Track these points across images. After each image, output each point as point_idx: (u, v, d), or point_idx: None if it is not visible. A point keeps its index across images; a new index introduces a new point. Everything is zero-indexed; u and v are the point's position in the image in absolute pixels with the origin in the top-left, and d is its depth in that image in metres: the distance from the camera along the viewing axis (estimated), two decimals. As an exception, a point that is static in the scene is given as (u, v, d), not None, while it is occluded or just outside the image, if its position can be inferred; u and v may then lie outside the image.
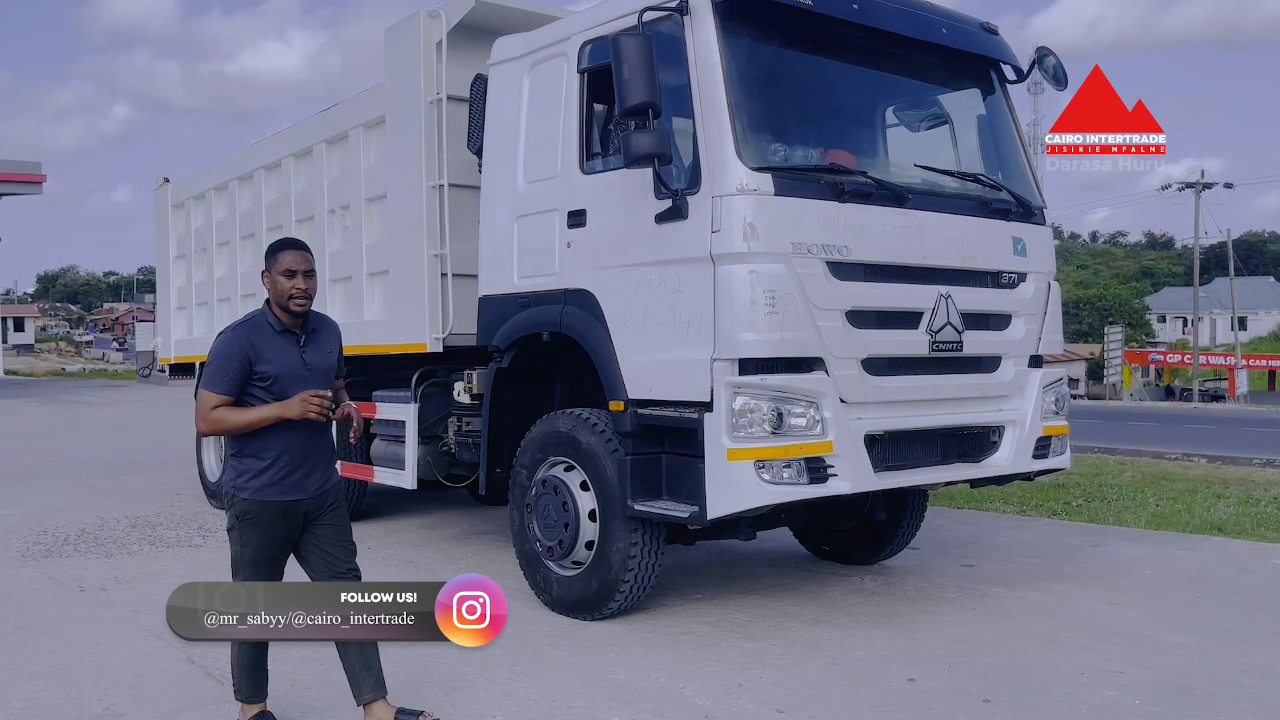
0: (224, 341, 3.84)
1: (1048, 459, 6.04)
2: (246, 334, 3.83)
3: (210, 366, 3.83)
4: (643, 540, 5.45)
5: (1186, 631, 5.47)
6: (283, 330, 3.87)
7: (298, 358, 3.86)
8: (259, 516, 3.84)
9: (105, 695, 4.63)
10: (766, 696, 4.53)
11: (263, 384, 3.79)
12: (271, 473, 3.82)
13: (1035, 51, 6.13)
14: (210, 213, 10.01)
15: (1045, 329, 6.07)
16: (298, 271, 3.83)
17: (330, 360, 4.01)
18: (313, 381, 3.85)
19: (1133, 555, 7.45)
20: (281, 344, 3.85)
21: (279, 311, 3.88)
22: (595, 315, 5.54)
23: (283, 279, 3.82)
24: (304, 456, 3.87)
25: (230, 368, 3.77)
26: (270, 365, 3.79)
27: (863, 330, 5.19)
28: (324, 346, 3.99)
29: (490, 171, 6.32)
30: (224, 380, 3.77)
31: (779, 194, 4.94)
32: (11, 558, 7.60)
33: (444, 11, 6.70)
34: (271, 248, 3.98)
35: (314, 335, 3.96)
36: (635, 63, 4.86)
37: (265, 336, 3.84)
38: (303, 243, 4.03)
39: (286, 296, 3.82)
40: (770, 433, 4.88)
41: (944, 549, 7.63)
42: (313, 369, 3.89)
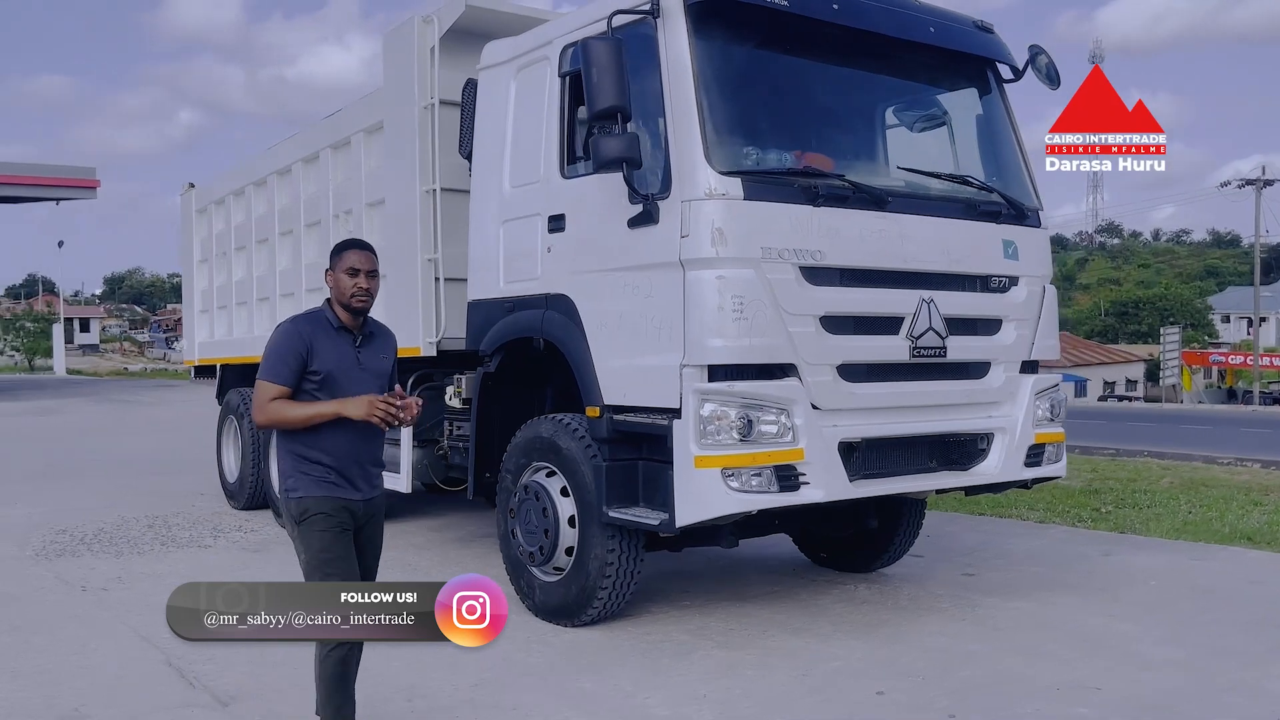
0: (283, 332, 3.79)
1: (1041, 467, 5.90)
2: (306, 326, 3.80)
3: (268, 357, 3.76)
4: (620, 547, 5.41)
5: (1179, 646, 5.31)
6: (340, 328, 3.82)
7: (352, 357, 3.81)
8: (320, 512, 3.73)
9: (79, 695, 4.70)
10: (728, 709, 4.48)
11: (314, 379, 3.74)
12: (326, 471, 3.74)
13: (1028, 50, 5.98)
14: (230, 217, 10.16)
15: (1039, 334, 5.93)
16: (360, 271, 3.78)
17: (385, 365, 3.95)
18: (365, 382, 3.79)
19: (1143, 565, 7.25)
20: (337, 341, 3.80)
21: (339, 310, 3.82)
22: (574, 320, 5.52)
23: (345, 277, 3.77)
24: (356, 460, 3.79)
25: (289, 358, 3.71)
26: (323, 361, 3.74)
27: (838, 336, 5.10)
28: (379, 351, 3.95)
29: (479, 176, 6.33)
30: (282, 370, 3.71)
31: (749, 198, 4.87)
32: (26, 556, 7.77)
33: (437, 17, 6.72)
34: (337, 247, 3.94)
35: (370, 339, 3.91)
36: (604, 66, 4.83)
37: (323, 332, 3.80)
38: (367, 243, 3.98)
39: (349, 295, 3.76)
40: (739, 440, 4.82)
41: (948, 557, 7.49)
42: (367, 370, 3.84)
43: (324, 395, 3.73)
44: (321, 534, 3.72)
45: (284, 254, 8.92)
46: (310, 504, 3.72)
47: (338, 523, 3.74)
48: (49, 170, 28.71)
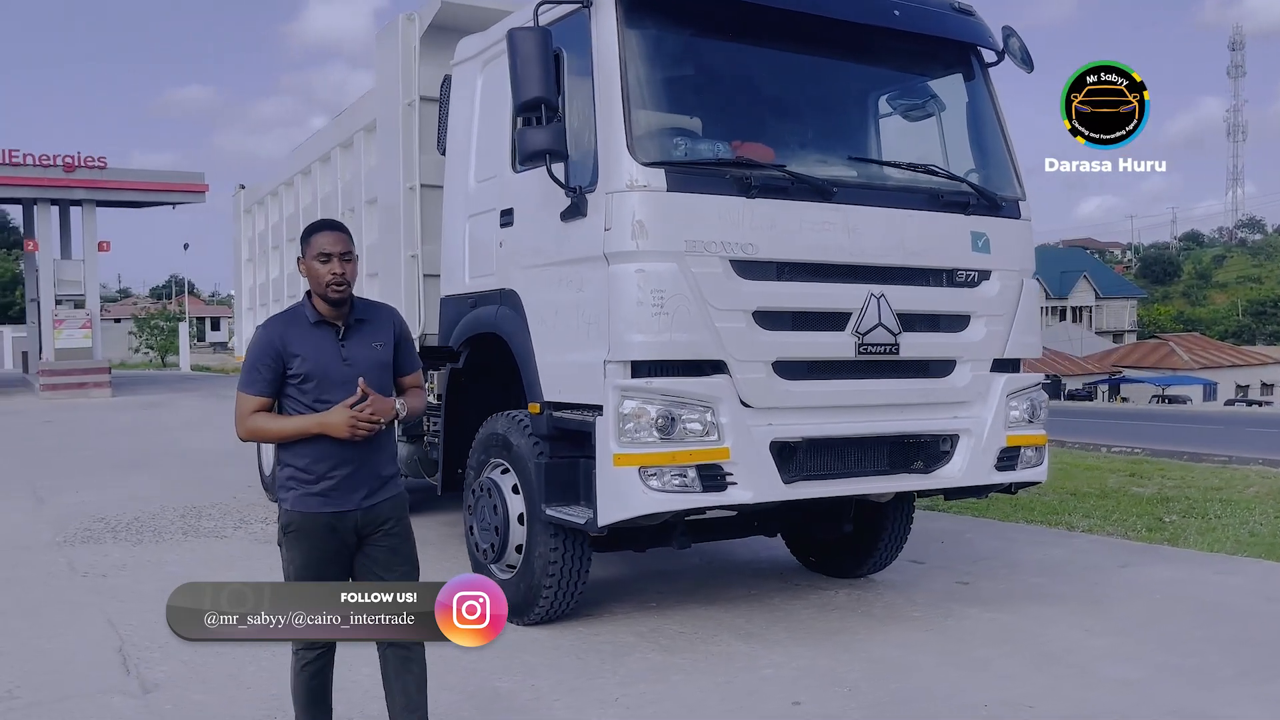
0: (255, 338, 3.48)
1: (1015, 471, 5.58)
2: (279, 328, 3.47)
3: (244, 366, 3.49)
4: (564, 546, 5.33)
5: (1143, 665, 4.96)
6: (318, 322, 3.46)
7: (334, 352, 3.44)
8: (301, 529, 3.49)
9: (22, 677, 4.86)
10: (631, 714, 4.37)
11: (296, 383, 3.41)
12: (314, 481, 3.44)
13: (1001, 32, 5.67)
14: (268, 217, 10.46)
15: (1015, 330, 5.61)
16: (332, 255, 3.39)
17: (379, 354, 3.51)
18: (353, 379, 3.40)
19: (1158, 579, 6.81)
20: (316, 337, 3.44)
21: (317, 301, 3.47)
22: (520, 315, 5.47)
23: (317, 264, 3.40)
24: (352, 463, 3.45)
25: (262, 366, 3.40)
26: (302, 361, 3.40)
27: (773, 332, 4.92)
28: (372, 338, 3.51)
29: (449, 171, 6.34)
30: (257, 380, 3.40)
31: (672, 190, 4.73)
32: (54, 542, 8.11)
33: (419, 14, 6.76)
34: (305, 231, 3.55)
35: (359, 326, 3.50)
36: (528, 57, 4.76)
37: (299, 329, 3.45)
38: (338, 223, 3.62)
39: (325, 285, 3.40)
40: (660, 438, 4.69)
41: (951, 564, 7.17)
42: (354, 364, 3.44)
43: (306, 399, 3.44)
44: (302, 552, 3.51)
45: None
46: (294, 519, 3.49)
47: (320, 541, 3.49)
48: (163, 176, 30.09)
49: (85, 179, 27.96)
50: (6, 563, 7.40)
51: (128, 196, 29.70)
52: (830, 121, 5.70)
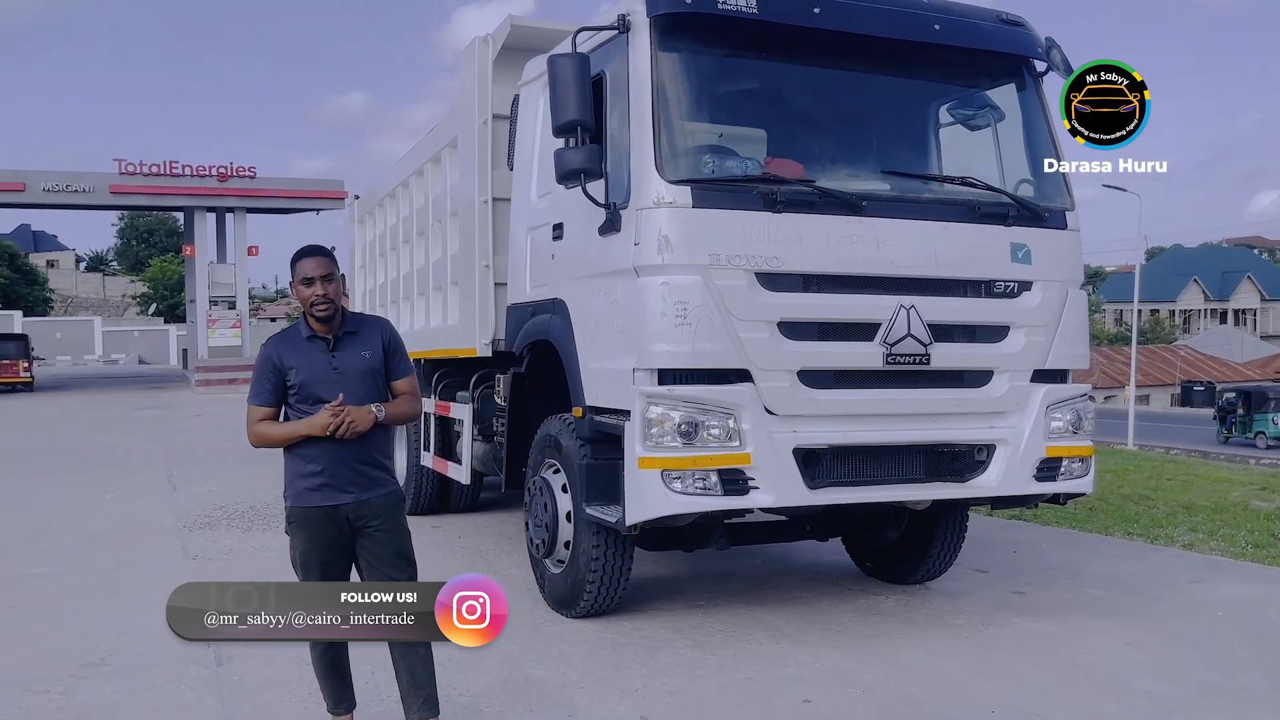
0: (259, 355, 3.93)
1: (1056, 482, 5.57)
2: (276, 345, 3.90)
3: (252, 380, 3.93)
4: (605, 544, 5.60)
5: (1174, 681, 4.91)
6: (311, 337, 3.88)
7: (324, 363, 3.84)
8: (301, 520, 3.88)
9: (116, 647, 5.43)
10: (648, 705, 4.60)
11: (294, 393, 3.83)
12: (311, 478, 3.84)
13: (1044, 43, 5.66)
14: (376, 227, 11.07)
15: (1058, 341, 5.59)
16: (314, 279, 3.79)
17: (368, 362, 3.90)
18: (345, 385, 3.80)
19: (1227, 595, 6.64)
20: (308, 350, 3.86)
21: (309, 319, 3.89)
22: (568, 323, 5.76)
23: (302, 287, 3.81)
24: (343, 462, 3.83)
25: (264, 379, 3.85)
26: (297, 373, 3.82)
27: (798, 342, 5.07)
28: (361, 348, 3.91)
29: (516, 187, 6.69)
30: (261, 392, 3.86)
31: (698, 206, 4.94)
32: (173, 527, 8.86)
33: (492, 37, 7.14)
34: (292, 258, 3.94)
35: (349, 339, 3.91)
36: (566, 81, 5.04)
37: (293, 345, 3.88)
38: (320, 248, 3.97)
39: (309, 304, 3.82)
40: (682, 443, 4.90)
41: (1014, 574, 7.14)
42: (344, 372, 3.84)
43: (305, 405, 3.83)
44: (303, 540, 3.89)
45: (405, 261, 9.67)
46: (295, 513, 3.90)
47: (319, 530, 3.85)
48: (306, 184, 31.86)
49: (237, 188, 29.82)
50: (129, 545, 8.14)
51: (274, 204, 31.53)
52: (868, 136, 5.77)
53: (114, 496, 10.70)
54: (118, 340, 61.99)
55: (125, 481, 11.78)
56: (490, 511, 9.42)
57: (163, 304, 70.45)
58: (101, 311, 74.26)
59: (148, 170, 29.40)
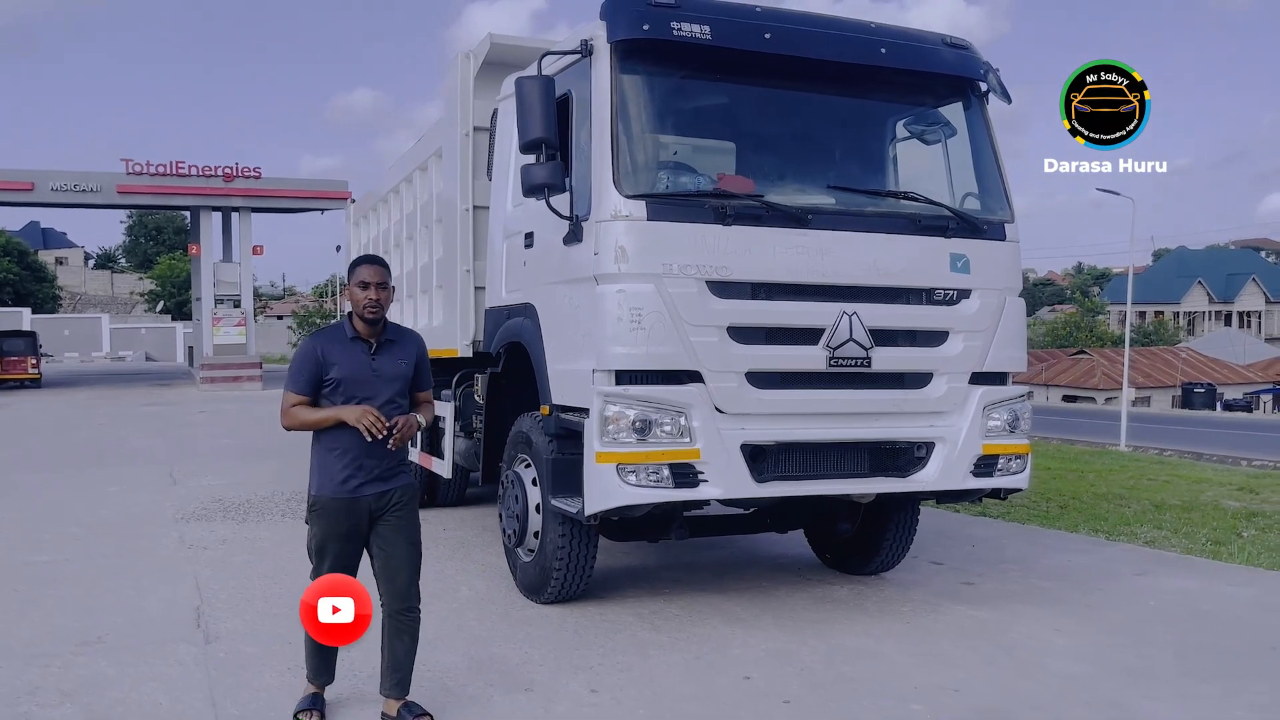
0: (301, 347, 4.29)
1: (993, 478, 5.93)
2: (321, 340, 4.27)
3: (290, 368, 4.27)
4: (570, 533, 5.97)
5: (1093, 663, 5.27)
6: (354, 338, 4.22)
7: (365, 363, 4.19)
8: (323, 510, 4.23)
9: (112, 627, 5.81)
10: (599, 680, 4.97)
11: (330, 388, 4.17)
12: (337, 470, 4.18)
13: (980, 69, 6.03)
14: (370, 230, 11.47)
15: (996, 345, 5.96)
16: (370, 284, 4.17)
17: (402, 369, 4.28)
18: (379, 386, 4.18)
19: (1165, 587, 7.00)
20: (351, 350, 4.20)
21: (356, 321, 4.23)
22: (538, 327, 6.14)
23: (358, 290, 4.19)
24: (368, 459, 4.19)
25: (304, 370, 4.18)
26: (337, 369, 4.16)
27: (746, 345, 5.43)
28: (398, 356, 4.28)
29: (494, 196, 7.08)
30: (299, 380, 4.19)
31: (652, 219, 5.31)
32: (171, 519, 9.25)
33: (473, 53, 7.52)
34: (352, 263, 4.36)
35: (389, 345, 4.27)
36: (532, 101, 5.42)
37: (337, 343, 4.22)
38: (379, 258, 4.39)
39: (361, 307, 4.18)
40: (637, 439, 5.28)
41: (968, 566, 7.51)
42: (380, 375, 4.20)
43: (340, 399, 4.18)
44: (324, 524, 4.26)
45: (395, 265, 10.04)
46: (319, 500, 4.25)
47: (340, 519, 4.23)
48: (310, 184, 32.31)
49: (242, 188, 30.25)
50: (129, 535, 8.53)
51: (279, 204, 31.95)
52: (817, 152, 6.12)
53: (117, 489, 11.10)
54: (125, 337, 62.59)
55: (128, 475, 12.18)
56: (475, 506, 9.80)
57: (170, 301, 71.01)
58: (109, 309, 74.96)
59: (154, 170, 29.85)
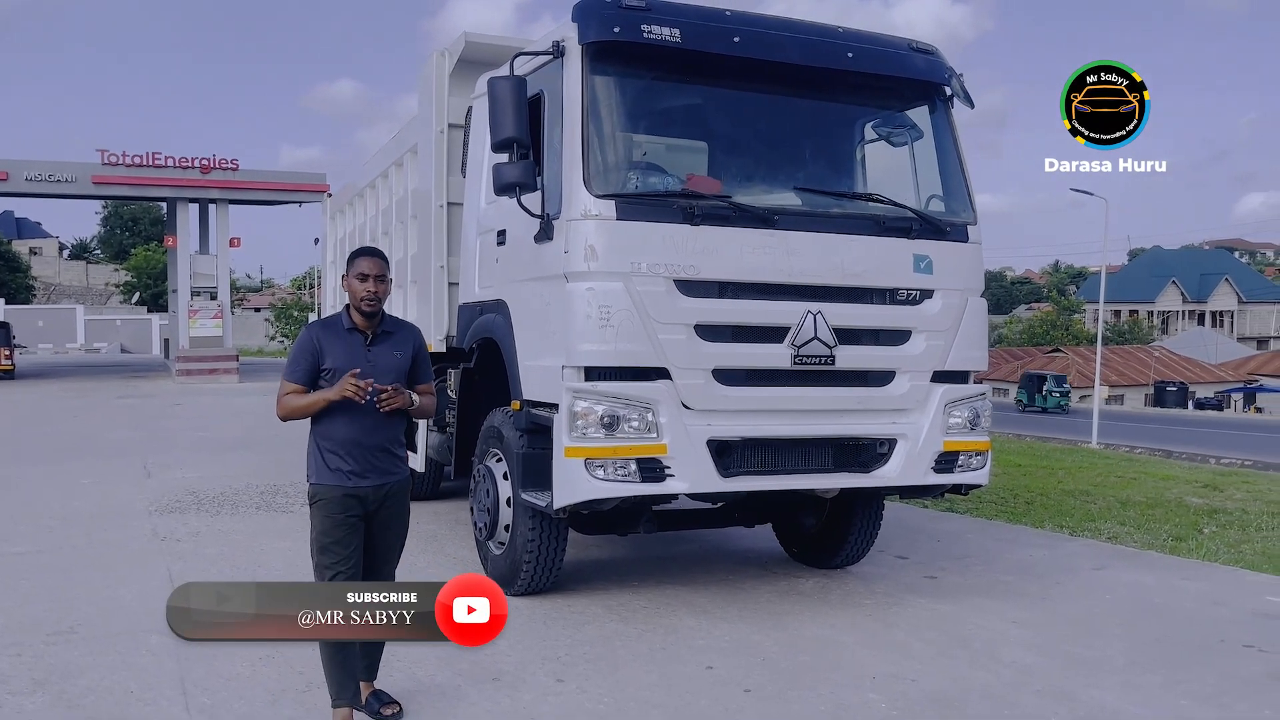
0: (299, 337, 4.29)
1: (954, 474, 6.07)
2: (318, 331, 4.26)
3: (289, 357, 4.30)
4: (540, 527, 6.07)
5: (1045, 654, 5.43)
6: (351, 329, 4.22)
7: (361, 355, 4.18)
8: (324, 499, 4.19)
9: (84, 618, 5.87)
10: (565, 669, 5.09)
11: (326, 376, 4.16)
12: (334, 460, 4.17)
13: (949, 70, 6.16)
14: (347, 225, 11.52)
15: (958, 345, 6.10)
16: (369, 276, 4.16)
17: (399, 362, 4.27)
18: (374, 378, 4.08)
19: (1121, 581, 7.18)
20: (347, 341, 4.21)
21: (353, 312, 4.24)
22: (509, 323, 6.23)
23: (356, 282, 4.18)
24: (365, 449, 4.18)
25: (301, 359, 4.19)
26: (333, 359, 4.15)
27: (713, 343, 5.55)
28: (394, 349, 4.28)
29: (467, 193, 7.16)
30: (295, 370, 4.19)
31: (621, 218, 5.41)
32: (145, 511, 9.28)
33: (449, 51, 7.60)
34: (351, 254, 4.37)
35: (386, 337, 4.28)
36: (504, 101, 5.51)
37: (334, 334, 4.23)
38: (378, 250, 4.38)
39: (359, 298, 4.18)
40: (605, 434, 5.39)
41: (933, 560, 7.66)
42: (375, 366, 4.16)
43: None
44: (325, 518, 4.19)
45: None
46: (320, 490, 4.20)
47: (341, 508, 4.17)
48: (288, 177, 32.24)
49: (219, 180, 30.11)
50: (102, 527, 8.56)
51: (257, 196, 31.83)
52: (785, 154, 6.24)
53: (90, 482, 11.10)
54: (100, 329, 62.04)
55: (102, 468, 12.18)
56: (450, 500, 9.87)
57: (146, 292, 70.58)
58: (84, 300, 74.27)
59: (130, 161, 29.64)
